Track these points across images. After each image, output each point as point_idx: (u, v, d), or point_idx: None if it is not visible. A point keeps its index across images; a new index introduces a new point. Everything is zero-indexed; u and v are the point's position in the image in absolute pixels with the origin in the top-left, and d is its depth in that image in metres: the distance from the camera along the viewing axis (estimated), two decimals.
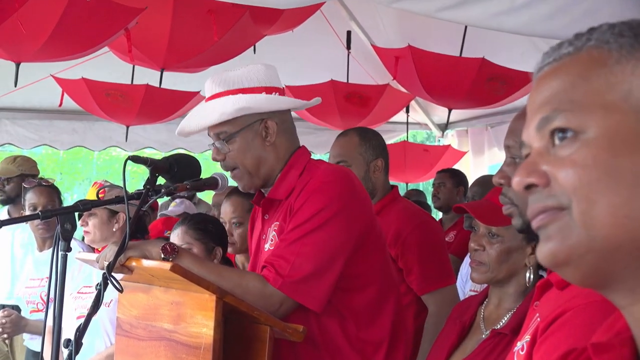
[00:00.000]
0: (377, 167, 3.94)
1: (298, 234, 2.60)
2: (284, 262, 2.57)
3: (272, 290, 2.54)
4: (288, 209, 2.72)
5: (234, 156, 2.77)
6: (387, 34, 7.96)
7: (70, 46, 5.17)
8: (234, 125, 2.76)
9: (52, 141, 9.21)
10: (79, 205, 2.50)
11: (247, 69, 2.81)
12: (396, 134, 10.51)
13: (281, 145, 2.81)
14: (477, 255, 2.65)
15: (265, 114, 2.78)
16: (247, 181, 2.80)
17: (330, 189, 2.68)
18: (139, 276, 2.60)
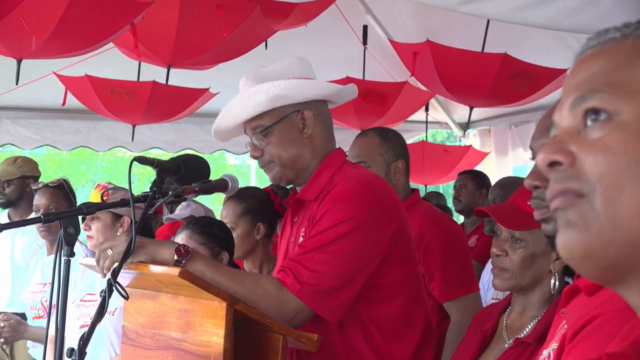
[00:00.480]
0: (397, 168, 3.94)
1: (319, 241, 2.60)
2: (302, 269, 2.56)
3: (288, 296, 2.54)
4: (313, 214, 2.73)
5: (271, 150, 2.80)
6: (405, 29, 7.96)
7: (73, 42, 5.19)
8: (270, 118, 2.79)
9: (54, 141, 9.25)
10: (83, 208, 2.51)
11: (280, 63, 2.86)
12: (415, 134, 10.50)
13: (318, 139, 2.84)
14: (499, 261, 2.64)
15: (301, 104, 2.81)
16: (279, 172, 2.82)
17: (355, 199, 2.67)
18: (145, 282, 2.60)
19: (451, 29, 7.31)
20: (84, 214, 2.53)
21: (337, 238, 2.59)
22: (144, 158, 2.61)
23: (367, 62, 7.99)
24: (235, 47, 6.09)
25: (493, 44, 6.67)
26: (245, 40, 6.05)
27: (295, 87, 2.77)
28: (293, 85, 2.77)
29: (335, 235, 2.60)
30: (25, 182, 6.08)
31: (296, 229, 2.85)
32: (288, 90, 2.76)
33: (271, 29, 6.15)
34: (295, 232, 2.85)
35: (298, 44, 7.52)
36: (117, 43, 6.00)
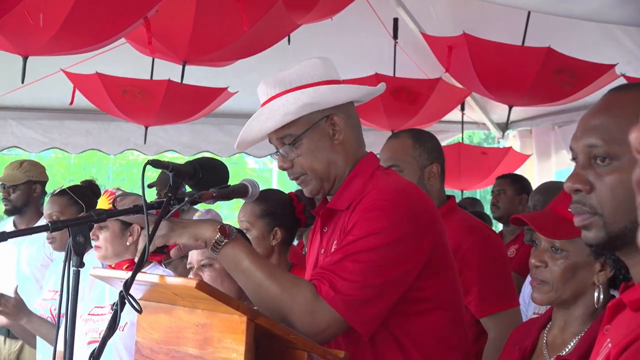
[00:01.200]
0: (432, 173, 3.94)
1: (352, 250, 2.59)
2: (336, 277, 2.55)
3: (322, 305, 2.53)
4: (345, 224, 2.73)
5: (302, 161, 2.80)
6: (439, 21, 7.96)
7: (83, 38, 5.20)
8: (298, 126, 2.78)
9: (62, 144, 9.31)
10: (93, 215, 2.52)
11: (301, 65, 2.84)
12: (450, 135, 10.49)
13: (349, 144, 2.84)
14: (538, 272, 2.64)
15: (329, 109, 2.81)
16: (316, 185, 2.82)
17: (389, 208, 2.66)
18: (160, 295, 2.62)
19: (489, 21, 7.30)
20: (94, 221, 2.53)
21: (371, 248, 2.59)
22: (158, 161, 2.62)
23: (398, 57, 8.00)
24: (255, 43, 6.10)
25: (534, 38, 6.66)
26: (266, 35, 6.06)
27: (325, 93, 2.77)
28: (323, 92, 2.77)
29: (369, 246, 2.59)
30: (31, 187, 6.12)
31: (326, 240, 2.85)
32: (318, 97, 2.76)
33: (294, 22, 6.16)
34: (325, 244, 2.85)
35: (323, 38, 7.55)
36: (129, 38, 6.04)
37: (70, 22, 4.83)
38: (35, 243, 5.82)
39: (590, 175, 1.72)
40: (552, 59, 6.38)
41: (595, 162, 1.71)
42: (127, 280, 2.34)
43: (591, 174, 1.71)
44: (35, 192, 6.14)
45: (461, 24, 7.17)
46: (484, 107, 9.92)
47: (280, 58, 6.54)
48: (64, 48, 5.30)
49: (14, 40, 5.03)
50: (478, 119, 10.22)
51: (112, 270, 4.03)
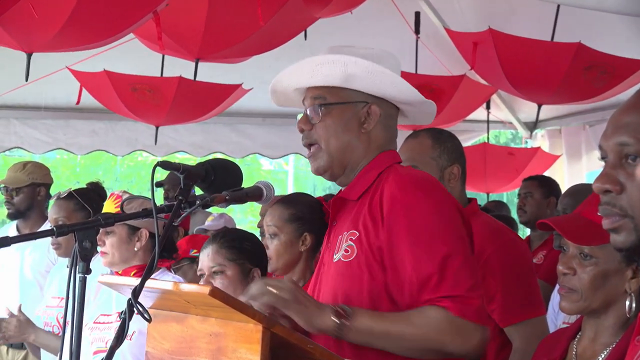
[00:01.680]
0: (452, 175, 3.94)
1: (440, 257, 2.59)
2: (452, 289, 2.56)
3: (461, 322, 2.52)
4: (362, 215, 2.74)
5: (322, 130, 2.83)
6: (463, 16, 7.96)
7: (89, 33, 5.22)
8: (336, 96, 2.83)
9: (68, 145, 9.36)
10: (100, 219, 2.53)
11: (372, 49, 2.91)
12: (475, 135, 10.48)
13: (376, 139, 2.86)
14: (566, 280, 2.63)
15: (373, 97, 2.85)
16: (324, 162, 2.84)
17: (428, 188, 2.72)
18: (171, 303, 2.63)
19: (516, 15, 7.30)
20: (102, 225, 2.54)
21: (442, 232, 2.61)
22: (169, 163, 2.64)
23: (420, 53, 8.00)
24: (271, 38, 6.11)
25: (564, 32, 6.65)
26: (282, 29, 6.07)
27: (377, 74, 2.80)
28: (375, 71, 2.80)
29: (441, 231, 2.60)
30: (35, 190, 6.14)
31: (334, 233, 2.87)
32: (368, 74, 2.79)
33: (312, 16, 6.16)
34: (333, 237, 2.87)
35: (342, 33, 7.55)
36: (138, 34, 6.06)
37: (76, 17, 4.84)
38: (39, 249, 5.83)
39: (620, 175, 1.70)
40: (583, 55, 6.37)
41: (626, 162, 1.70)
42: (136, 288, 2.35)
43: (622, 173, 1.70)
44: (40, 196, 6.16)
45: (487, 18, 7.17)
46: (511, 105, 9.90)
47: (297, 54, 6.55)
48: (69, 44, 5.31)
49: (18, 36, 5.04)
50: (504, 118, 10.20)
51: (121, 277, 4.05)
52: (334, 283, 2.76)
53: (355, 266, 2.70)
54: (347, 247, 2.75)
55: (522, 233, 10.14)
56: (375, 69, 2.79)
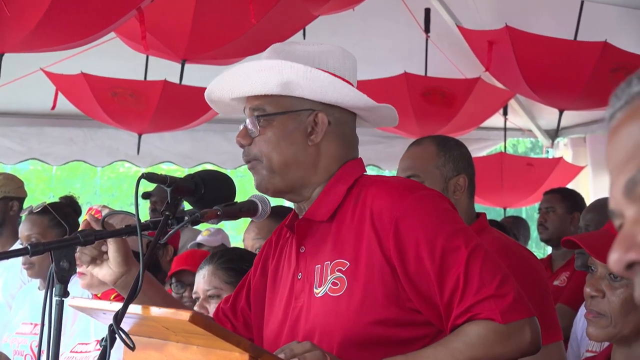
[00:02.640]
0: (458, 186, 3.94)
1: (462, 261, 2.58)
2: (481, 292, 2.55)
3: (504, 327, 2.54)
4: (349, 241, 2.70)
5: (262, 144, 2.74)
6: (477, 12, 7.97)
7: (66, 32, 5.23)
8: (276, 105, 2.75)
9: (42, 154, 9.36)
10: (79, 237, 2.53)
11: (318, 46, 2.82)
12: (490, 143, 10.49)
13: (326, 153, 2.78)
14: (594, 304, 2.63)
15: (321, 105, 2.75)
16: (266, 176, 2.76)
17: (433, 197, 2.70)
18: (150, 329, 2.62)
19: (535, 11, 7.31)
20: (81, 243, 2.54)
21: (456, 234, 2.60)
22: (155, 175, 2.63)
23: (430, 53, 8.01)
24: (265, 37, 6.10)
25: (588, 31, 6.66)
26: (278, 28, 6.08)
27: (316, 79, 2.71)
28: (314, 77, 2.70)
29: (467, 246, 2.59)
30: (7, 205, 6.14)
31: (305, 262, 2.78)
32: (306, 80, 2.70)
33: (310, 14, 6.18)
34: (304, 267, 2.78)
35: (343, 32, 7.56)
36: (119, 33, 6.07)
37: (52, 14, 4.85)
38: (11, 269, 5.83)
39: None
40: (609, 55, 6.38)
41: None
42: (119, 312, 2.34)
43: None
44: (12, 211, 6.16)
45: (503, 15, 7.18)
46: (530, 111, 9.91)
47: None
48: (44, 44, 5.32)
49: None
50: (523, 125, 10.21)
51: (94, 300, 4.04)
52: (323, 320, 2.68)
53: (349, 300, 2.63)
54: (334, 279, 2.68)
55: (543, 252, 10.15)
56: (313, 74, 2.70)
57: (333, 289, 2.67)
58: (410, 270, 2.56)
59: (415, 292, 2.57)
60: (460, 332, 2.53)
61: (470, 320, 2.53)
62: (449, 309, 2.55)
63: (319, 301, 2.70)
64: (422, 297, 2.57)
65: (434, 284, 2.55)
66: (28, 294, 5.21)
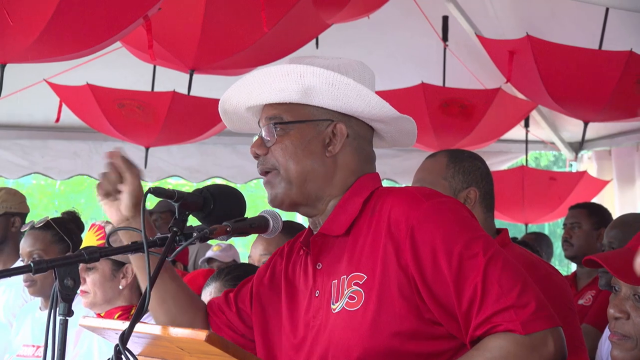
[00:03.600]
0: (468, 199, 3.93)
1: (480, 269, 2.57)
2: (500, 303, 2.54)
3: (526, 338, 2.53)
4: (365, 254, 2.70)
5: (279, 153, 2.75)
6: (497, 20, 7.97)
7: (71, 41, 5.23)
8: (294, 113, 2.77)
9: (46, 168, 9.37)
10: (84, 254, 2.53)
11: (337, 60, 2.82)
12: (511, 157, 10.47)
13: (343, 165, 2.79)
14: (619, 325, 2.62)
15: (340, 115, 2.78)
16: (284, 189, 2.76)
17: (450, 204, 2.69)
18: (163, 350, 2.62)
19: (558, 20, 7.31)
20: (86, 261, 2.53)
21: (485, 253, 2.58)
22: (161, 189, 2.63)
23: (448, 63, 8.01)
24: (277, 46, 6.12)
25: (612, 40, 6.65)
26: (290, 36, 6.08)
27: (339, 86, 2.72)
28: (337, 83, 2.71)
29: (485, 254, 2.58)
30: (9, 220, 6.15)
31: (322, 279, 2.78)
32: (329, 86, 2.71)
33: (324, 22, 6.18)
34: (321, 284, 2.78)
35: (358, 41, 7.57)
36: (126, 42, 6.08)
37: (56, 23, 4.84)
38: (13, 287, 5.83)
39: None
40: (635, 65, 6.37)
41: None
42: (124, 332, 2.34)
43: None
44: (14, 227, 6.16)
45: (524, 23, 7.18)
46: (553, 123, 9.90)
47: None
48: (48, 54, 5.32)
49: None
50: (545, 138, 10.19)
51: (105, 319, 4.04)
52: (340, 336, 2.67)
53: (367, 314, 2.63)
54: (351, 293, 2.68)
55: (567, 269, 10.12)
56: (337, 80, 2.70)
57: (350, 304, 2.67)
58: (429, 280, 2.56)
59: (435, 302, 2.56)
60: (481, 346, 2.52)
61: (490, 331, 2.52)
62: (468, 319, 2.54)
63: (336, 317, 2.70)
64: (442, 308, 2.57)
65: (452, 293, 2.54)
66: (29, 313, 5.19)
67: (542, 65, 6.64)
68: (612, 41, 6.64)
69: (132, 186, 2.93)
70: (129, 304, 4.21)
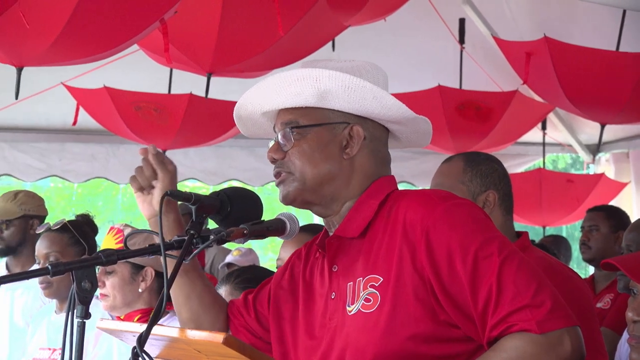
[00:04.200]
0: (487, 202, 3.91)
1: (494, 270, 2.56)
2: (515, 302, 2.54)
3: (543, 338, 2.52)
4: (381, 256, 2.69)
5: (296, 158, 2.75)
6: (514, 22, 7.96)
7: (87, 45, 5.24)
8: (310, 117, 2.77)
9: (63, 171, 9.39)
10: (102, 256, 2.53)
11: (350, 63, 2.81)
12: (529, 159, 10.45)
13: (360, 167, 2.79)
14: (637, 328, 2.61)
15: (355, 117, 2.77)
16: (296, 189, 2.76)
17: (466, 205, 2.68)
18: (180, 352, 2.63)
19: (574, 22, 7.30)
20: (103, 263, 2.54)
21: (492, 243, 2.57)
22: (179, 192, 2.64)
23: (465, 65, 8.00)
24: (293, 49, 6.12)
25: (631, 41, 6.64)
26: (306, 39, 6.08)
27: (355, 89, 2.72)
28: (353, 86, 2.71)
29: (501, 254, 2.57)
30: (27, 223, 6.15)
31: (338, 282, 2.78)
32: (345, 89, 2.71)
33: (340, 24, 6.18)
34: (337, 285, 2.78)
35: (374, 43, 7.57)
36: (142, 45, 6.09)
37: (73, 26, 4.86)
38: (31, 289, 5.83)
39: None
40: None
41: None
42: (142, 334, 2.35)
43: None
44: (32, 229, 6.16)
45: (542, 25, 7.17)
46: (570, 125, 9.88)
47: None
48: (65, 57, 5.34)
49: (6, 48, 5.07)
50: (563, 140, 10.17)
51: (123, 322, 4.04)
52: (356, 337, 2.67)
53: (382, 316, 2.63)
54: (367, 295, 2.68)
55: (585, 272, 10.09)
56: (353, 83, 2.71)
57: (366, 305, 2.67)
58: (445, 281, 2.56)
59: (451, 304, 2.56)
60: (497, 347, 2.51)
61: (506, 331, 2.51)
62: (484, 319, 2.53)
63: (352, 318, 2.70)
64: (458, 309, 2.56)
65: (468, 294, 2.54)
66: (45, 316, 5.19)
67: (559, 67, 6.63)
68: (630, 43, 6.62)
69: (163, 182, 2.98)
70: (148, 307, 4.22)
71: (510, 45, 7.23)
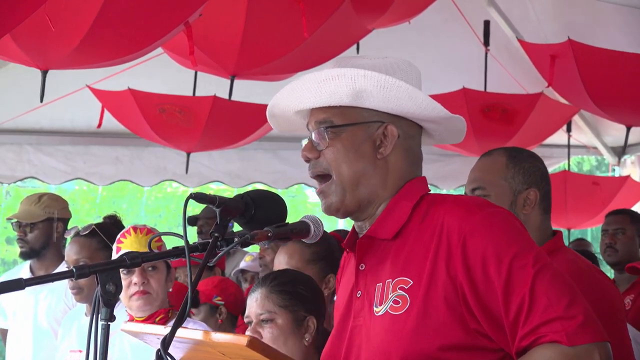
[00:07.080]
0: (528, 200, 3.87)
1: (528, 281, 2.56)
2: (548, 314, 2.53)
3: (573, 350, 2.52)
4: (414, 259, 2.69)
5: (331, 157, 2.76)
6: (539, 25, 7.94)
7: (112, 48, 5.26)
8: (344, 116, 2.76)
9: (88, 174, 9.43)
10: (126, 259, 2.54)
11: (384, 60, 2.81)
12: (554, 161, 10.43)
13: (394, 167, 2.79)
14: None
15: (390, 116, 2.77)
16: (339, 196, 2.76)
17: (503, 215, 2.68)
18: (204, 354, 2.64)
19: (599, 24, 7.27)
20: (128, 266, 2.55)
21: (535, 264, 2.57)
22: (203, 195, 2.64)
23: (490, 68, 7.98)
24: (317, 52, 6.12)
25: None
26: (330, 42, 6.08)
27: (391, 88, 2.72)
28: (388, 85, 2.71)
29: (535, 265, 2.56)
30: (52, 226, 6.16)
31: (364, 280, 2.79)
32: (380, 89, 2.71)
33: (365, 27, 6.18)
34: (363, 285, 2.79)
35: (399, 46, 7.57)
36: (167, 48, 6.10)
37: (98, 30, 4.87)
38: (55, 292, 5.86)
39: None
40: None
41: None
42: (166, 337, 2.35)
43: None
44: (57, 232, 6.17)
45: (566, 27, 7.15)
46: (595, 127, 9.85)
47: None
48: (90, 60, 5.36)
49: (32, 52, 5.08)
50: (588, 142, 10.15)
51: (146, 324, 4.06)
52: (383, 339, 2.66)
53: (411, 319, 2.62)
54: (396, 297, 2.67)
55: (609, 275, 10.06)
56: (388, 83, 2.71)
57: (394, 307, 2.66)
58: (479, 289, 2.55)
59: (483, 312, 2.56)
60: (526, 357, 2.50)
61: (536, 342, 2.50)
62: (515, 329, 2.52)
63: (379, 320, 2.69)
64: (490, 318, 2.56)
65: (500, 303, 2.53)
66: (75, 319, 5.21)
67: (584, 69, 6.61)
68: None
69: None
70: (168, 308, 4.26)
71: (534, 48, 7.22)
